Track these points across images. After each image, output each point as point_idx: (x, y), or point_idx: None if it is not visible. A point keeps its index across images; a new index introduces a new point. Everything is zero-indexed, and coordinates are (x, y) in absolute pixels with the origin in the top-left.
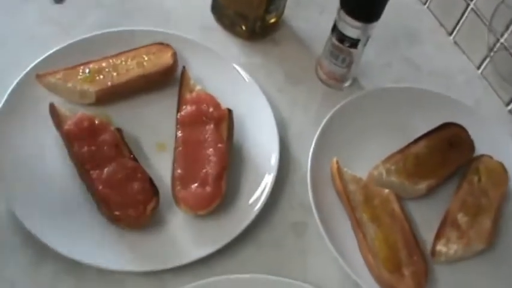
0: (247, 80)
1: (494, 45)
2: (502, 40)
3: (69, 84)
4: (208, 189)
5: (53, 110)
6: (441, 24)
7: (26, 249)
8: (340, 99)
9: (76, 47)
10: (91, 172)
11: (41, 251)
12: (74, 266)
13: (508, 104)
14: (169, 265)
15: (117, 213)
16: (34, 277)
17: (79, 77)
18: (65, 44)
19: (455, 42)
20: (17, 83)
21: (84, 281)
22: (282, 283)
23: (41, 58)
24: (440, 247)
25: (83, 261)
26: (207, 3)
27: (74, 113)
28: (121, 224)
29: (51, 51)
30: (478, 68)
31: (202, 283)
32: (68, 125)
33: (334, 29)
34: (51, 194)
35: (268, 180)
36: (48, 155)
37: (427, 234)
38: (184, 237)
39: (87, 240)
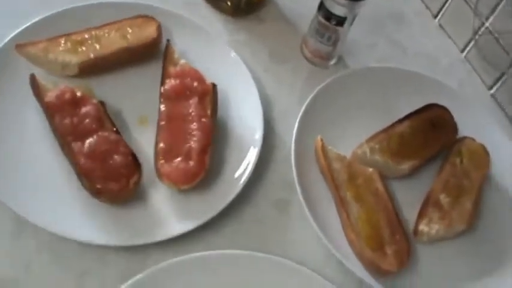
0: (232, 56)
1: (479, 28)
2: (487, 24)
3: (51, 56)
4: (191, 163)
5: (34, 81)
6: (427, 7)
7: (5, 222)
8: (325, 77)
9: (58, 17)
10: (72, 145)
11: (21, 225)
12: (55, 240)
13: (490, 88)
14: (152, 240)
15: (99, 186)
16: (14, 250)
17: (61, 49)
18: (46, 15)
19: (440, 25)
20: None
21: (65, 255)
22: (264, 259)
23: (21, 28)
24: (423, 227)
25: (64, 235)
26: None
27: (55, 85)
28: (103, 197)
29: (31, 21)
30: (462, 51)
31: (184, 258)
32: (49, 96)
33: (321, 6)
34: (31, 167)
35: (252, 156)
36: (29, 127)
37: (410, 214)
38: (167, 212)
39: (68, 214)
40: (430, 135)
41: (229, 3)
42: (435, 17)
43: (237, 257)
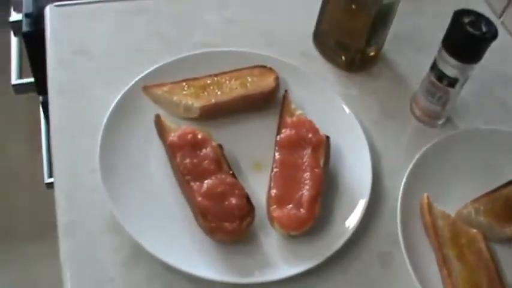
0: (345, 110)
1: None
2: None
3: (175, 98)
4: (302, 211)
5: (159, 121)
6: None
7: (122, 250)
8: (433, 136)
9: (182, 63)
10: (191, 184)
11: (136, 253)
12: (166, 271)
13: None
14: (258, 280)
15: (213, 225)
16: (130, 277)
17: (184, 92)
18: (171, 59)
19: None
20: (124, 94)
21: (176, 286)
22: None
23: (148, 71)
24: None
25: (175, 265)
26: (309, 30)
27: (178, 126)
28: (216, 236)
29: (157, 65)
30: None
31: None
32: (172, 136)
33: (434, 66)
34: (152, 202)
35: (359, 208)
36: (152, 164)
37: None
38: (275, 256)
39: (182, 247)
40: None
41: (343, 57)
42: None
43: None
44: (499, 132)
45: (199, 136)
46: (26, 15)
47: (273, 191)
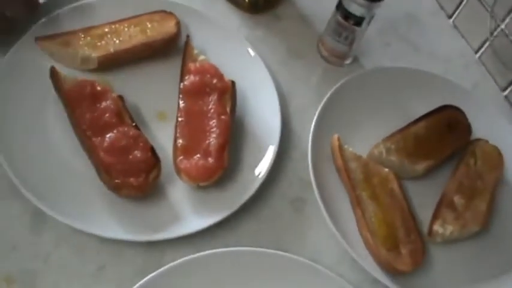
0: (250, 53)
1: (494, 30)
2: (502, 26)
3: (71, 49)
4: (210, 160)
5: (54, 74)
6: (441, 7)
7: (25, 216)
8: (341, 76)
9: (78, 11)
10: (93, 139)
11: (41, 218)
12: (74, 233)
13: (504, 90)
14: (169, 236)
15: (118, 181)
16: (33, 243)
17: (81, 43)
18: (66, 8)
19: (455, 26)
20: (15, 48)
21: (83, 249)
22: (279, 257)
23: (41, 21)
24: (437, 227)
25: (83, 229)
26: None
27: (74, 78)
28: (122, 192)
29: (51, 15)
30: (477, 52)
31: (201, 255)
32: (69, 90)
33: (339, 6)
34: (52, 161)
35: (269, 155)
36: (49, 122)
37: (424, 215)
38: (185, 209)
39: (87, 209)
40: (444, 136)
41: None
42: (450, 17)
43: (253, 255)
44: (405, 70)
45: (99, 88)
46: None
47: (179, 141)
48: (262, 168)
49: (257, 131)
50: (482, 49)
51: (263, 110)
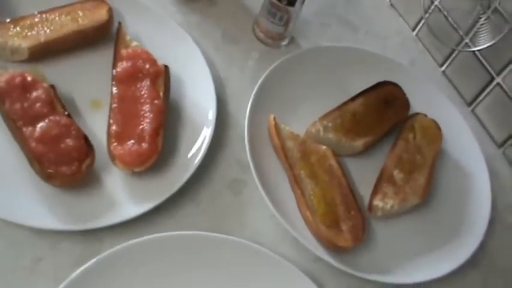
0: (184, 38)
1: (429, 7)
2: (436, 2)
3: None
4: (144, 145)
5: None
6: None
7: None
8: (278, 57)
9: (4, 2)
10: (23, 129)
11: None
12: (7, 226)
13: (441, 65)
14: (106, 223)
15: (50, 170)
16: None
17: (10, 33)
18: None
19: (392, 5)
20: None
21: (19, 242)
22: (220, 240)
23: None
24: (377, 202)
25: (17, 221)
26: None
27: (4, 69)
28: (55, 182)
29: None
30: (414, 29)
31: (139, 241)
32: None
33: None
34: None
35: (205, 136)
36: None
37: (364, 191)
38: (121, 195)
39: (20, 200)
40: (382, 112)
41: None
42: None
43: (193, 238)
44: (342, 48)
45: (29, 78)
46: None
47: (113, 128)
48: (198, 151)
49: (193, 114)
50: (419, 26)
51: (199, 95)
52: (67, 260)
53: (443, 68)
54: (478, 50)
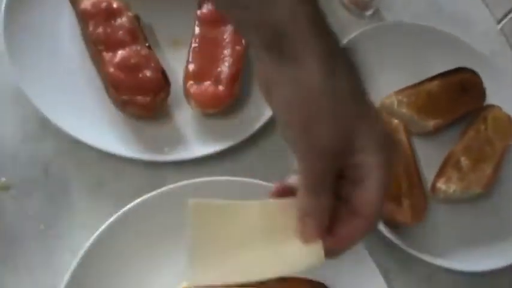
0: None
1: None
2: None
3: None
4: (221, 88)
5: None
6: None
7: (28, 123)
8: (361, 27)
9: None
10: (104, 54)
11: (44, 127)
12: (75, 146)
13: None
14: (171, 158)
15: (125, 97)
16: (36, 152)
17: None
18: None
19: None
20: None
21: (84, 163)
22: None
23: None
24: (440, 185)
25: (85, 140)
26: None
27: None
28: (128, 109)
29: None
30: (499, 23)
31: (202, 180)
32: (85, 4)
33: None
34: (61, 73)
35: None
36: (62, 33)
37: (429, 173)
38: (190, 134)
39: (91, 122)
40: (457, 97)
41: None
42: None
43: (254, 186)
44: (425, 28)
45: (115, 5)
46: None
47: (191, 66)
48: None
49: None
50: (505, 20)
51: None
52: (128, 188)
53: None
54: None
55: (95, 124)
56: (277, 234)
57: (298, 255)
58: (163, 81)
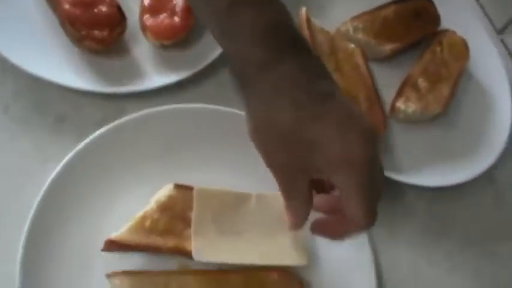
0: None
1: None
2: None
3: None
4: (176, 19)
5: None
6: None
7: None
8: None
9: None
10: None
11: (2, 67)
12: (34, 84)
13: None
14: (130, 89)
15: (83, 33)
16: None
17: None
18: None
19: None
20: None
21: (43, 100)
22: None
23: None
24: (400, 104)
25: (44, 77)
26: None
27: None
28: (85, 44)
29: None
30: None
31: (159, 109)
32: None
33: None
34: (16, 12)
35: None
36: None
37: (387, 96)
38: (148, 66)
39: (49, 58)
40: (412, 22)
41: None
42: None
43: (213, 113)
44: None
45: None
46: None
47: (146, 1)
48: None
49: None
50: None
51: None
52: (90, 121)
53: None
54: None
55: (54, 61)
56: (270, 227)
57: (285, 252)
58: (118, 15)
